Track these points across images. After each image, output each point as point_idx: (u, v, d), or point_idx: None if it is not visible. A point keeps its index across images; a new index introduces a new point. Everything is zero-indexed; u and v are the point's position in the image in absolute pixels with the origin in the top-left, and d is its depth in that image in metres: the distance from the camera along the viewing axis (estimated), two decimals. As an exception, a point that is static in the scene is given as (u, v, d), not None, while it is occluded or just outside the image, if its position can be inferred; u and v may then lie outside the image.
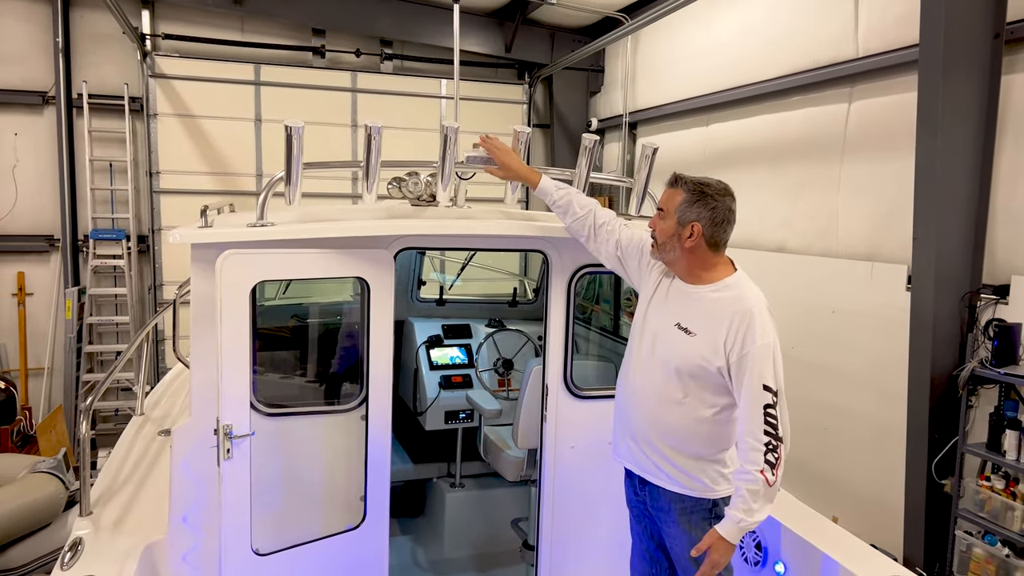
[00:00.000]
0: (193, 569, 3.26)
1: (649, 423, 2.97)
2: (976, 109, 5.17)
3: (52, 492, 5.82)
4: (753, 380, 2.67)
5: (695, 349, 2.79)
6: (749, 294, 2.80)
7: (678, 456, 2.92)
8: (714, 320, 2.77)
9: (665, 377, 2.89)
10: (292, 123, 3.00)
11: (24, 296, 9.32)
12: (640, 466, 3.07)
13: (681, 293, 2.94)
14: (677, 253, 2.88)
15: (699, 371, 2.79)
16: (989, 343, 5.04)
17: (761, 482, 2.62)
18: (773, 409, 2.65)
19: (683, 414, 2.87)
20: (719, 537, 2.71)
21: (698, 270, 2.89)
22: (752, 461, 2.64)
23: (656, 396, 2.93)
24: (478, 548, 5.11)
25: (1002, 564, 4.83)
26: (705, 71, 8.34)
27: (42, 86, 9.16)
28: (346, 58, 10.28)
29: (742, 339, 2.70)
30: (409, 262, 5.82)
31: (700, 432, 2.88)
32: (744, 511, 2.66)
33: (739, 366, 2.71)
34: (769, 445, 2.63)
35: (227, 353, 2.96)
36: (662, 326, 2.94)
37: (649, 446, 3.00)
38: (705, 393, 2.84)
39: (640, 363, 3.01)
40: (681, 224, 2.85)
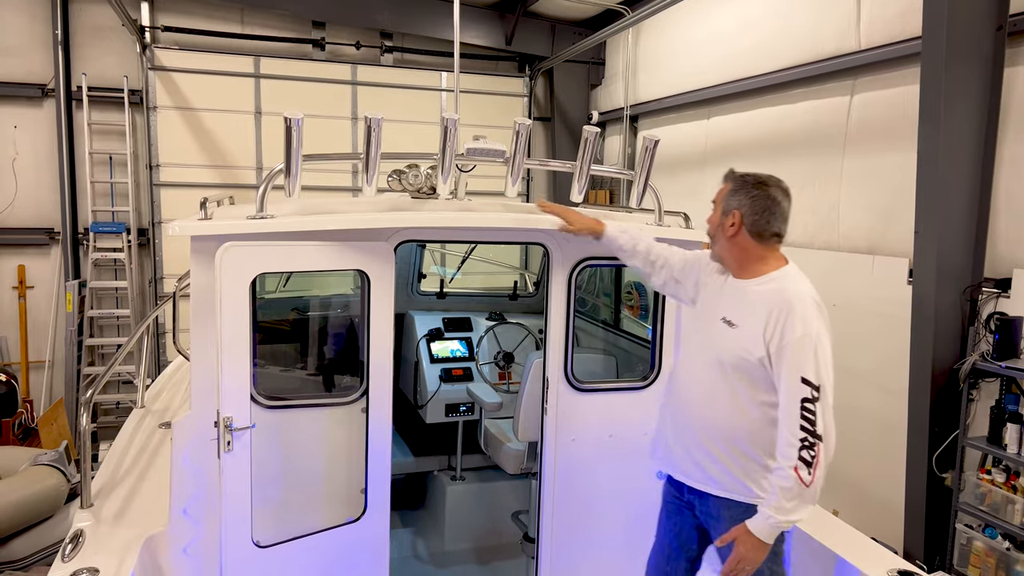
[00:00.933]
0: (194, 561, 3.26)
1: (696, 421, 2.90)
2: (978, 102, 5.15)
3: (54, 484, 5.83)
4: (791, 372, 2.59)
5: (737, 340, 2.75)
6: (792, 286, 2.74)
7: (724, 457, 2.83)
8: (756, 311, 2.73)
9: (711, 371, 2.84)
10: (291, 115, 2.99)
11: (25, 289, 9.32)
12: (685, 472, 2.98)
13: (731, 288, 2.92)
14: (723, 244, 2.90)
15: (742, 363, 2.73)
16: (990, 336, 5.04)
17: (793, 480, 2.52)
18: (811, 404, 2.55)
19: (730, 410, 2.80)
20: (747, 531, 2.63)
21: (747, 263, 2.86)
22: (786, 456, 2.56)
23: (702, 392, 2.88)
24: (479, 541, 5.12)
25: (1002, 557, 4.83)
26: (706, 63, 8.31)
27: (41, 79, 9.13)
28: (346, 51, 10.25)
29: (781, 329, 2.64)
30: (409, 255, 5.81)
31: (747, 430, 2.78)
32: (775, 508, 2.57)
33: (778, 357, 2.64)
34: (805, 442, 2.52)
35: (227, 345, 2.95)
36: (710, 321, 2.92)
37: (697, 447, 2.91)
38: (751, 388, 2.76)
39: (688, 361, 3.00)
40: (724, 213, 2.87)
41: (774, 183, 2.88)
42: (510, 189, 3.60)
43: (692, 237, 3.83)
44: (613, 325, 5.43)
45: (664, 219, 3.87)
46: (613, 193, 10.58)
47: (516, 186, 3.63)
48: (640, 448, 3.90)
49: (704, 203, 8.40)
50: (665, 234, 3.76)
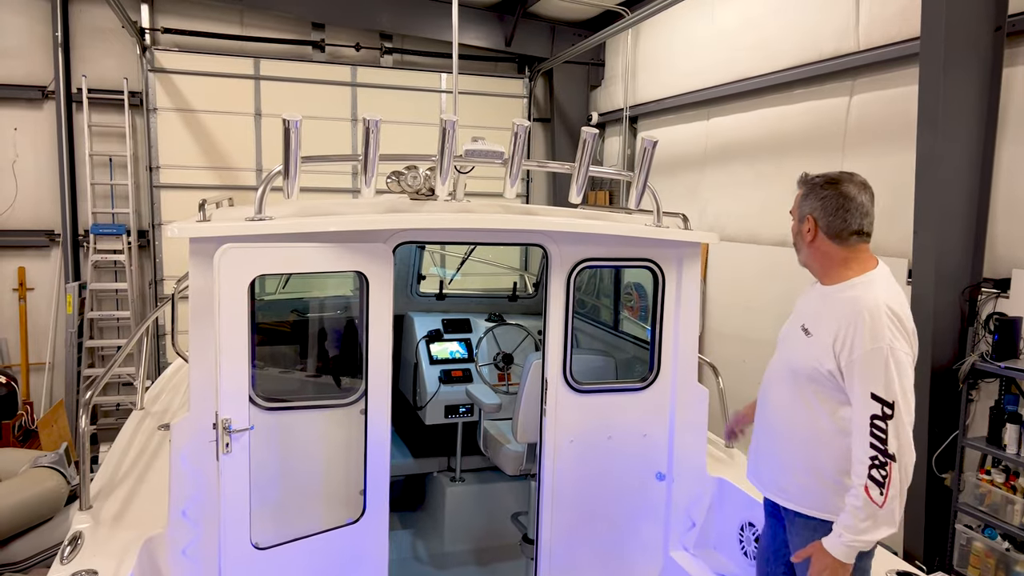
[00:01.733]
0: (193, 563, 3.26)
1: (772, 430, 2.88)
2: (977, 102, 5.15)
3: (54, 486, 5.84)
4: (862, 388, 2.49)
5: (810, 350, 2.67)
6: (869, 294, 2.58)
7: (799, 470, 2.76)
8: (829, 320, 2.63)
9: (786, 381, 2.79)
10: (290, 117, 3.00)
11: (25, 291, 9.33)
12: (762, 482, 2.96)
13: (817, 295, 2.83)
14: (805, 252, 2.83)
15: (814, 373, 2.64)
16: (990, 337, 5.04)
17: (863, 499, 2.43)
18: (881, 421, 2.43)
19: (804, 421, 2.72)
20: (821, 548, 2.53)
21: (830, 268, 2.75)
22: (858, 475, 2.47)
23: (778, 402, 2.84)
24: (478, 542, 5.12)
25: (1002, 558, 4.83)
26: (706, 64, 8.32)
27: (41, 80, 9.14)
28: (346, 52, 10.27)
29: (851, 343, 2.53)
30: (409, 257, 5.81)
31: (821, 443, 2.68)
32: (846, 527, 2.48)
33: (848, 372, 2.54)
34: (875, 460, 2.42)
35: (226, 347, 2.96)
36: (793, 327, 2.86)
37: (774, 457, 2.88)
38: (825, 400, 2.66)
39: (771, 370, 2.95)
40: (800, 220, 2.82)
41: (846, 179, 2.76)
42: (509, 190, 3.60)
43: (691, 238, 3.84)
44: (612, 326, 5.43)
45: (663, 220, 3.87)
46: (612, 194, 10.58)
47: (515, 187, 3.63)
48: (639, 449, 3.90)
49: (703, 203, 8.42)
50: (664, 235, 3.76)
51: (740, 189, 7.85)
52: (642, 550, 3.97)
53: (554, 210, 4.25)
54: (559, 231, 3.62)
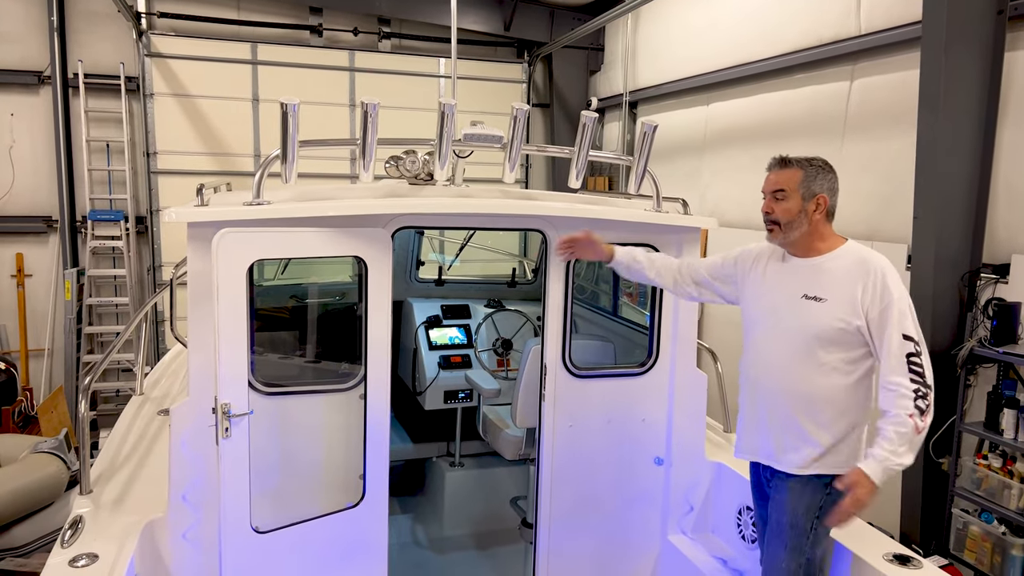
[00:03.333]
0: (193, 546, 3.27)
1: (788, 398, 2.94)
2: (978, 86, 5.12)
3: (54, 472, 5.85)
4: (895, 331, 2.74)
5: (831, 313, 2.84)
6: (873, 255, 2.89)
7: (815, 434, 2.89)
8: (846, 283, 2.84)
9: (802, 347, 2.90)
10: (287, 100, 2.98)
11: (23, 277, 9.31)
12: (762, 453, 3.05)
13: (798, 268, 3.00)
14: (805, 228, 2.95)
15: (839, 335, 2.83)
16: (988, 322, 5.04)
17: (911, 427, 2.64)
18: (917, 357, 2.71)
19: (824, 381, 2.88)
20: (864, 475, 2.67)
21: (817, 242, 2.97)
22: (902, 406, 2.67)
23: (793, 368, 2.92)
24: (477, 526, 5.15)
25: (998, 542, 4.86)
26: (706, 49, 8.26)
27: (37, 66, 9.08)
28: (344, 37, 10.19)
29: (880, 294, 2.78)
30: (408, 243, 5.80)
31: (840, 400, 2.88)
32: (891, 451, 2.65)
33: (880, 320, 2.77)
34: (918, 392, 2.67)
35: (224, 332, 2.95)
36: (785, 301, 2.98)
37: (777, 427, 2.97)
38: (844, 357, 2.86)
39: (768, 344, 3.02)
40: (806, 199, 2.93)
41: (829, 163, 3.04)
42: (508, 175, 3.59)
43: (690, 223, 3.83)
44: (611, 311, 5.43)
45: (663, 205, 3.86)
46: (612, 180, 10.55)
47: (514, 172, 3.62)
48: (638, 433, 3.92)
49: (703, 189, 8.37)
50: (664, 220, 3.76)
51: (740, 174, 7.82)
52: (640, 534, 3.99)
53: (553, 195, 4.24)
54: (558, 216, 3.61)
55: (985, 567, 4.93)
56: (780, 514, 2.98)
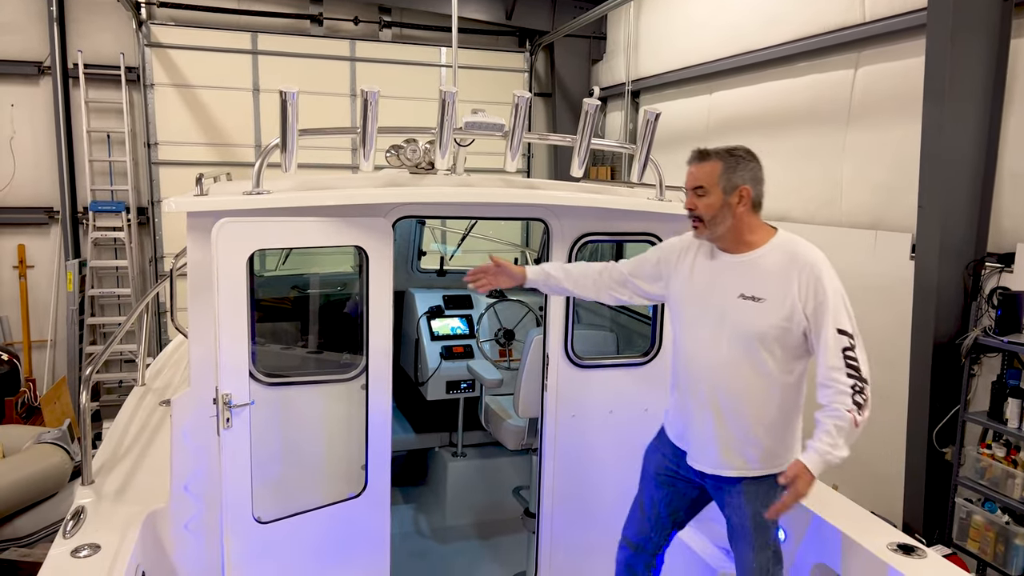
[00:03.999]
0: (195, 537, 3.28)
1: (733, 401, 2.88)
2: (984, 74, 5.08)
3: (57, 462, 5.87)
4: (830, 326, 2.71)
5: (770, 312, 2.77)
6: (806, 248, 2.84)
7: (760, 434, 2.88)
8: (781, 281, 2.78)
9: (744, 349, 2.83)
10: (287, 89, 2.95)
11: (25, 268, 9.31)
12: (706, 462, 2.99)
13: (731, 265, 2.90)
14: (729, 223, 2.85)
15: (781, 334, 2.78)
16: (993, 311, 5.02)
17: (849, 421, 2.64)
18: (852, 352, 2.69)
19: (767, 382, 2.84)
20: (805, 467, 2.67)
21: (746, 236, 2.88)
22: (840, 402, 2.65)
23: (737, 370, 2.85)
24: (480, 516, 5.15)
25: (1002, 531, 4.85)
26: (709, 37, 8.21)
27: (37, 56, 9.05)
28: (344, 26, 10.14)
29: (814, 290, 2.74)
30: (409, 233, 5.78)
31: (783, 398, 2.87)
32: (830, 445, 2.65)
33: (816, 316, 2.74)
34: (855, 387, 2.65)
35: (224, 322, 2.94)
36: (722, 301, 2.87)
37: (724, 433, 2.92)
38: (784, 356, 2.82)
39: (707, 346, 2.92)
40: (728, 192, 2.83)
41: (753, 152, 2.95)
42: (509, 164, 3.56)
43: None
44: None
45: (665, 194, 3.83)
46: (615, 169, 10.51)
47: (515, 161, 3.59)
48: (640, 423, 3.90)
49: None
50: (666, 209, 3.73)
51: (743, 164, 7.78)
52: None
53: (555, 184, 4.21)
54: (560, 205, 3.59)
55: (988, 556, 4.93)
56: (741, 518, 2.96)
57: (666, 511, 3.21)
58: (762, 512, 2.88)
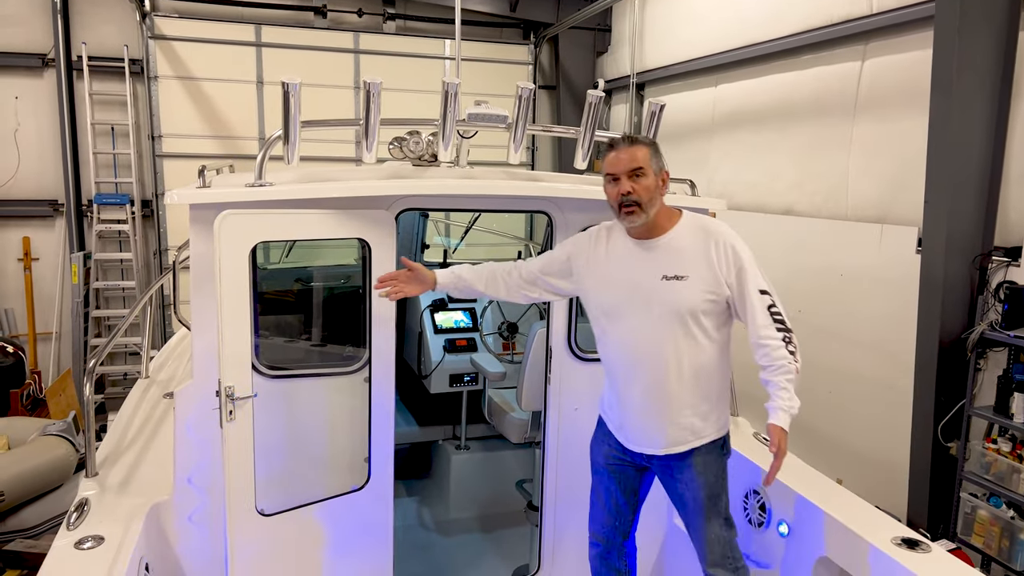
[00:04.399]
0: (199, 529, 3.28)
1: (673, 379, 2.95)
2: (992, 67, 5.04)
3: (63, 454, 5.89)
4: (752, 289, 2.87)
5: (696, 287, 2.89)
6: (715, 223, 3.00)
7: (704, 404, 3.00)
8: (699, 256, 2.90)
9: (678, 326, 2.91)
10: (289, 80, 2.94)
11: (30, 261, 9.33)
12: (656, 444, 3.05)
13: (646, 249, 2.98)
14: (657, 205, 2.93)
15: (710, 307, 2.91)
16: (999, 306, 4.98)
17: (792, 371, 2.81)
18: (775, 307, 2.87)
19: (703, 354, 2.95)
20: (783, 430, 2.81)
21: (661, 220, 2.97)
22: (781, 357, 2.81)
23: (673, 348, 2.92)
24: (483, 509, 5.16)
25: (1007, 526, 4.84)
26: (714, 29, 8.16)
27: (41, 48, 9.04)
28: (348, 18, 10.11)
29: (732, 260, 2.88)
30: (412, 226, 5.77)
31: (717, 366, 3.00)
32: (788, 399, 2.80)
33: (738, 283, 2.88)
34: (785, 338, 2.83)
35: (227, 314, 2.94)
36: (647, 285, 2.93)
37: (671, 412, 2.99)
38: (714, 325, 2.95)
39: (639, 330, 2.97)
40: (657, 174, 2.92)
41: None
42: (513, 156, 3.54)
43: (698, 205, 3.78)
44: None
45: (670, 186, 3.80)
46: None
47: (519, 153, 3.57)
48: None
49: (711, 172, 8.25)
50: (670, 201, 3.70)
51: (748, 157, 7.74)
52: (645, 517, 3.98)
53: (559, 176, 4.20)
54: (564, 197, 3.57)
55: (993, 551, 4.91)
56: (694, 491, 3.05)
57: (623, 498, 3.28)
58: (712, 481, 3.04)
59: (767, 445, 3.90)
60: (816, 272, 6.58)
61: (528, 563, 4.20)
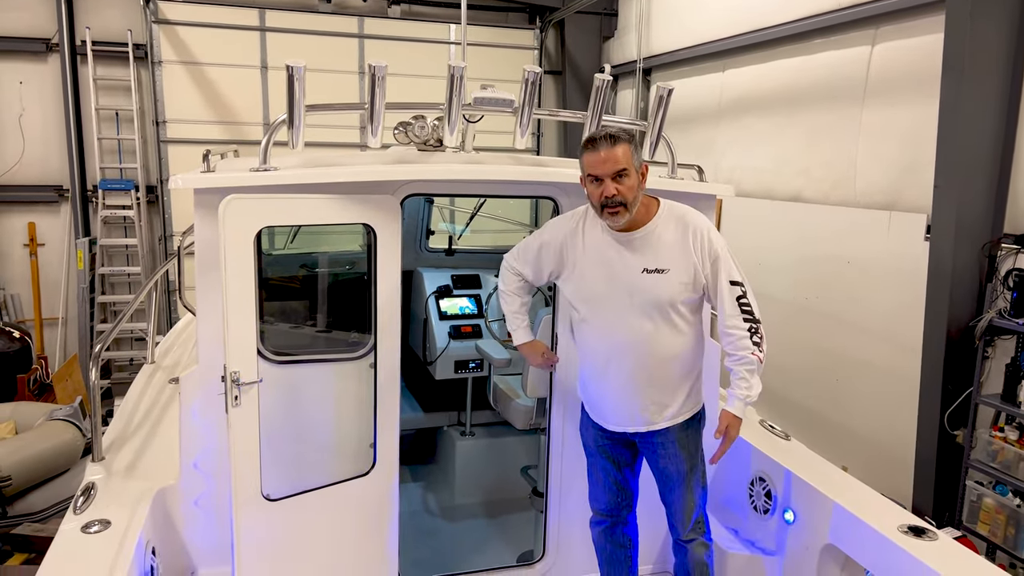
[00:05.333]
0: (204, 513, 3.29)
1: (655, 365, 3.07)
2: (1003, 51, 4.98)
3: (69, 439, 5.93)
4: (724, 280, 2.99)
5: (676, 280, 2.99)
6: (685, 212, 3.07)
7: (684, 384, 3.15)
8: (679, 249, 2.99)
9: (659, 316, 3.02)
10: (294, 63, 2.91)
11: (36, 247, 9.35)
12: (639, 423, 3.18)
13: (627, 242, 3.04)
14: (639, 201, 2.98)
15: (687, 297, 3.03)
16: (1008, 293, 4.95)
17: (755, 362, 2.97)
18: (745, 298, 2.99)
19: (682, 340, 3.08)
20: (733, 416, 3.02)
21: (639, 213, 3.02)
22: (744, 347, 2.98)
23: (654, 337, 3.04)
24: (488, 495, 5.16)
25: (1012, 514, 4.83)
26: (722, 14, 8.07)
27: (45, 33, 9.01)
28: (353, 3, 10.04)
29: (708, 251, 2.99)
30: (417, 212, 5.75)
31: (694, 349, 3.14)
32: (746, 388, 2.98)
33: (712, 272, 3.00)
34: (751, 328, 2.97)
35: (232, 299, 2.93)
36: (628, 278, 3.02)
37: (653, 393, 3.12)
38: (691, 311, 3.09)
39: (621, 321, 3.07)
40: (638, 171, 2.96)
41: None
42: (519, 140, 3.51)
43: (706, 191, 3.75)
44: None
45: (677, 172, 3.78)
46: (625, 149, 10.40)
47: (525, 138, 3.54)
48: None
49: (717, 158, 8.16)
50: (678, 187, 3.67)
51: (755, 143, 7.68)
52: (650, 503, 3.98)
53: (565, 162, 4.16)
54: (570, 183, 3.54)
55: (998, 539, 4.91)
56: (677, 463, 3.19)
57: (619, 475, 3.39)
58: (693, 453, 3.20)
59: (774, 432, 3.92)
60: (824, 259, 6.54)
61: (533, 549, 4.21)
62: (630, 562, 3.52)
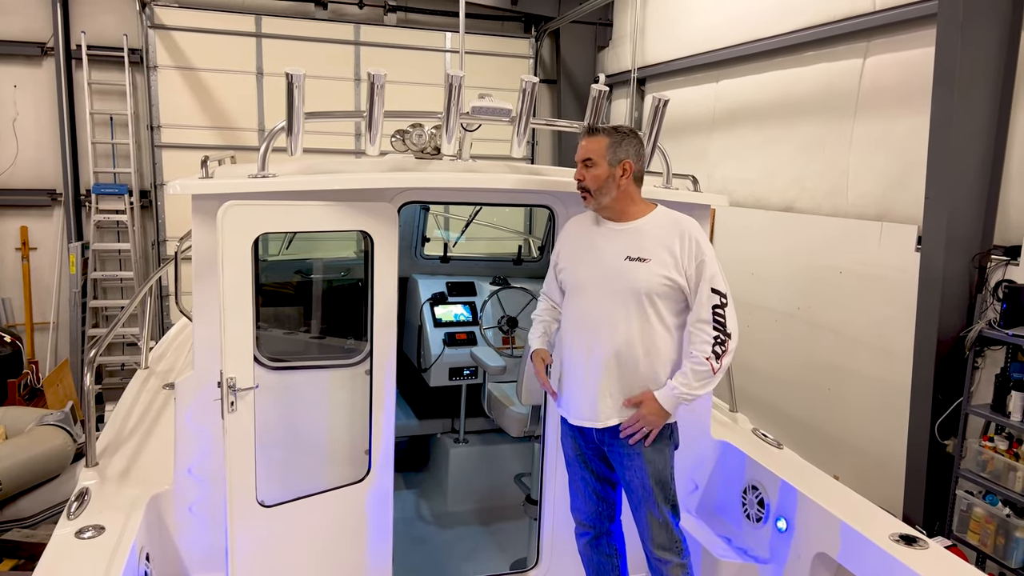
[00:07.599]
0: (199, 520, 3.28)
1: (627, 355, 3.09)
2: (995, 64, 5.04)
3: (60, 444, 5.89)
4: (706, 285, 3.04)
5: (655, 271, 3.05)
6: (683, 218, 3.15)
7: (651, 384, 3.11)
8: (665, 243, 3.07)
9: (633, 304, 3.08)
10: (293, 70, 2.93)
11: (28, 251, 9.31)
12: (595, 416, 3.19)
13: (617, 232, 3.15)
14: (613, 194, 3.10)
15: (666, 291, 3.07)
16: (998, 304, 5.00)
17: (707, 367, 2.99)
18: (721, 309, 3.02)
19: (655, 335, 3.10)
20: (652, 396, 3.06)
21: (629, 207, 3.14)
22: (701, 350, 3.00)
23: (627, 325, 3.08)
24: (482, 502, 5.16)
25: (1002, 523, 4.86)
26: (716, 25, 8.15)
27: (40, 37, 9.00)
28: (349, 10, 10.08)
29: (695, 251, 3.05)
30: (413, 219, 5.76)
31: (669, 348, 3.13)
32: (683, 384, 3.02)
33: (697, 274, 3.05)
34: (717, 339, 2.99)
35: (229, 305, 2.93)
36: (610, 264, 3.11)
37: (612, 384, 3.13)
38: (670, 309, 3.11)
39: (596, 307, 3.14)
40: (613, 164, 3.06)
41: (636, 130, 3.20)
42: (516, 149, 3.54)
43: (700, 200, 3.78)
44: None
45: (672, 182, 3.81)
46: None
47: (522, 146, 3.57)
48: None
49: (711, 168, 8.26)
50: (673, 197, 3.71)
51: (748, 154, 7.75)
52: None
53: (561, 171, 4.19)
54: (567, 192, 3.56)
55: (988, 548, 4.94)
56: (643, 478, 3.16)
57: (599, 485, 3.40)
58: (660, 468, 3.15)
59: (766, 441, 3.94)
60: (815, 269, 6.59)
61: (526, 556, 4.21)
62: (618, 572, 3.51)
